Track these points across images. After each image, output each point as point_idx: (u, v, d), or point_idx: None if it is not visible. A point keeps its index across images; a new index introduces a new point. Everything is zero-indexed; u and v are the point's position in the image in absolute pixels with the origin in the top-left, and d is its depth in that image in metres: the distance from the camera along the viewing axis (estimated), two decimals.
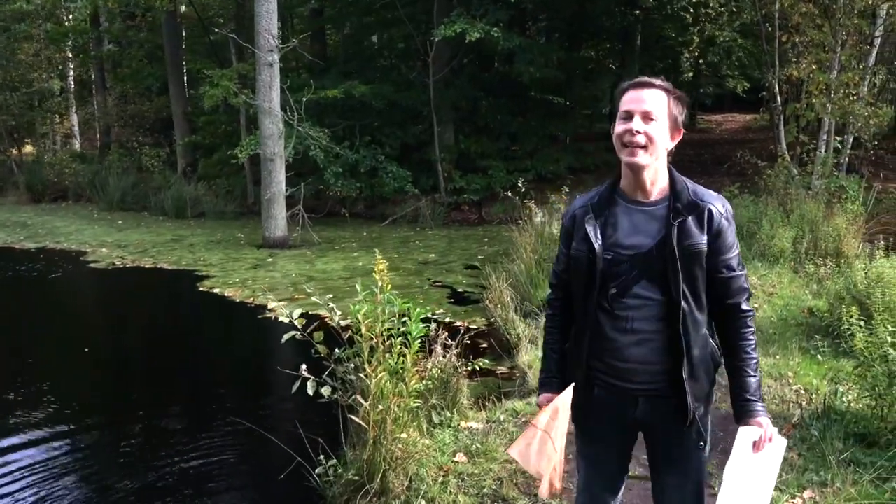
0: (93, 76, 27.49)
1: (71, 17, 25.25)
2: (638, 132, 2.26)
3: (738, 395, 2.42)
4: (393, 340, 4.45)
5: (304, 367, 4.25)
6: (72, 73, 29.85)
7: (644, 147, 2.28)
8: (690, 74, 14.01)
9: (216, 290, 10.48)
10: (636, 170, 2.32)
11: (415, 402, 4.52)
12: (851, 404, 4.79)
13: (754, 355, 2.41)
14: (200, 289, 10.64)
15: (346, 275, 11.18)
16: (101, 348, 8.24)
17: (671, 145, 2.38)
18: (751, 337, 2.41)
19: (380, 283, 4.64)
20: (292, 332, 4.36)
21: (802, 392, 5.35)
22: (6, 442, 5.43)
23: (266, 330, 8.48)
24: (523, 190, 10.50)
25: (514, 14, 16.87)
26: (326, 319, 4.52)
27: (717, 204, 2.35)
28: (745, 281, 2.41)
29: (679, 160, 20.95)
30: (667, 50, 23.10)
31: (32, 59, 26.68)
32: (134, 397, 6.69)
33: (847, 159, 13.30)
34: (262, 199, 14.09)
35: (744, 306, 2.40)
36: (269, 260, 12.73)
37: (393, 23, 20.10)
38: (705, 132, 28.33)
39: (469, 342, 7.52)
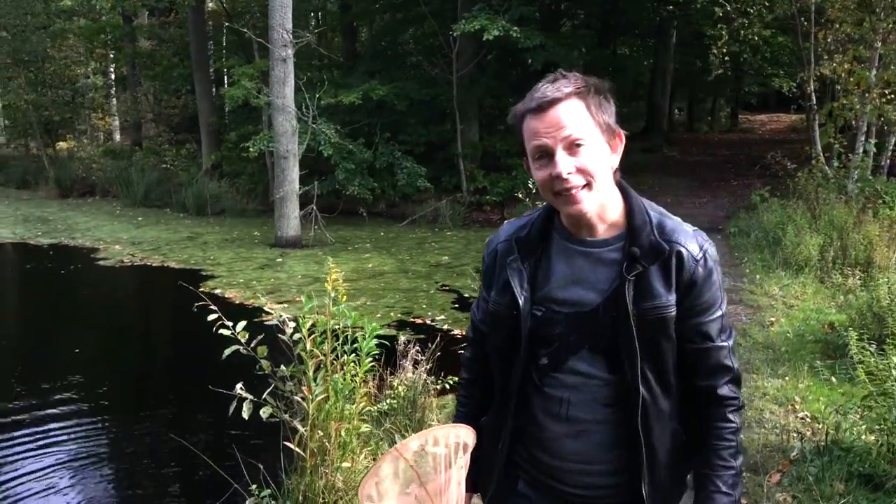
0: (125, 73, 27.66)
1: (103, 13, 25.37)
2: (570, 174, 1.58)
3: None
4: (346, 357, 4.08)
5: (239, 385, 3.89)
6: (113, 69, 30.10)
7: (586, 186, 1.60)
8: (720, 72, 13.30)
9: (217, 291, 10.19)
10: (581, 216, 1.66)
11: (366, 427, 4.13)
12: (861, 437, 4.27)
13: (733, 463, 1.68)
14: (201, 289, 10.35)
15: (353, 276, 10.82)
16: (71, 348, 8.01)
17: (616, 161, 1.68)
18: (730, 437, 1.68)
19: (332, 294, 4.29)
20: (234, 347, 3.99)
21: (808, 420, 4.84)
22: None
23: (250, 337, 8.19)
24: (534, 191, 10.02)
25: (538, 10, 16.29)
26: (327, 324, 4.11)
27: (691, 245, 1.65)
28: (728, 356, 1.70)
29: (713, 161, 20.46)
30: (704, 47, 22.39)
31: (73, 55, 26.91)
32: (77, 399, 6.42)
33: (888, 161, 12.57)
34: (275, 197, 13.82)
35: (722, 391, 1.69)
36: (279, 260, 12.44)
37: (418, 19, 19.74)
38: (747, 132, 27.60)
39: (463, 352, 7.18)
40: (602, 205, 1.66)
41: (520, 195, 10.70)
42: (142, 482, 4.89)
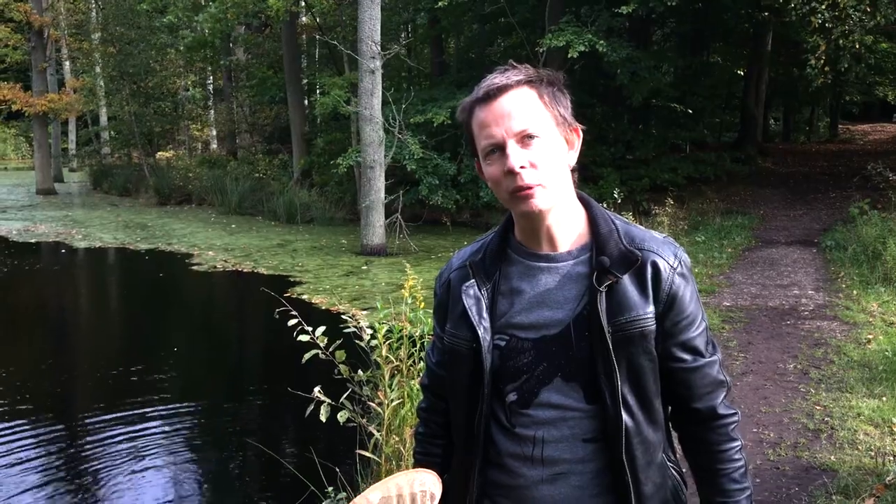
0: (221, 85, 28.63)
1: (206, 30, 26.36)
2: (522, 168, 1.42)
3: None
4: (423, 363, 4.11)
5: (317, 389, 3.95)
6: (211, 81, 31.24)
7: (540, 183, 1.43)
8: (820, 81, 12.74)
9: (304, 297, 10.42)
10: (539, 218, 1.48)
11: None
12: None
13: (747, 483, 1.55)
14: (287, 295, 10.61)
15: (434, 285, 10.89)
16: (167, 348, 8.31)
17: (573, 159, 1.52)
18: (738, 456, 1.55)
19: (408, 301, 4.34)
20: (314, 351, 4.06)
21: None
22: None
23: (330, 342, 8.43)
24: (619, 201, 9.89)
25: (627, 19, 16.03)
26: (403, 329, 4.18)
27: (665, 253, 1.49)
28: (719, 370, 1.54)
29: (810, 173, 19.75)
30: (801, 54, 21.67)
31: (174, 68, 28.06)
32: (169, 391, 6.75)
33: None
34: (361, 206, 14.06)
35: (721, 409, 1.54)
36: (364, 268, 12.64)
37: (506, 30, 19.79)
38: (847, 143, 26.54)
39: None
40: (561, 211, 1.50)
41: (604, 205, 10.55)
42: (220, 478, 5.05)
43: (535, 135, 1.43)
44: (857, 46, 12.05)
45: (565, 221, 1.51)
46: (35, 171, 27.50)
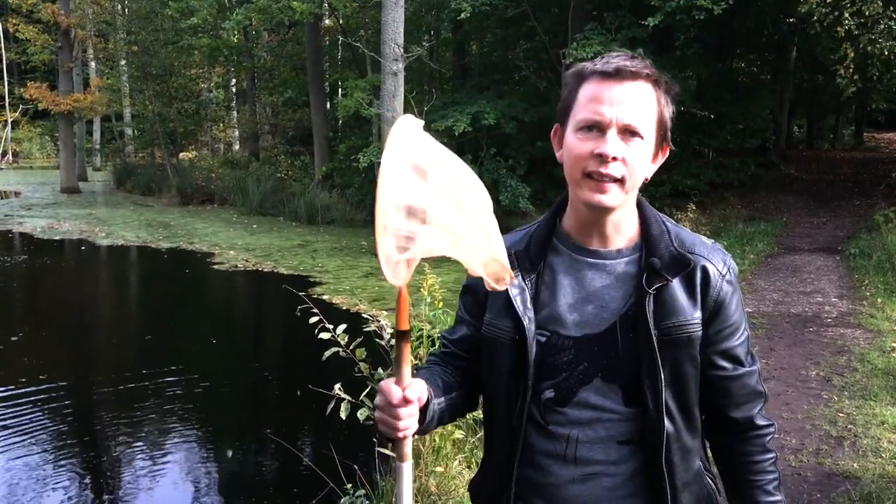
0: (244, 87, 28.83)
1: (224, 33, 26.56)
2: (614, 159, 1.36)
3: None
4: None
5: (338, 386, 3.96)
6: (234, 83, 31.46)
7: (619, 181, 1.38)
8: (852, 90, 12.55)
9: (324, 297, 10.45)
10: (600, 213, 1.43)
11: (460, 432, 4.14)
12: None
13: (779, 497, 1.53)
14: (307, 294, 10.67)
15: (456, 287, 10.86)
16: (193, 343, 8.37)
17: (651, 172, 1.47)
18: (772, 468, 1.53)
19: (429, 300, 4.35)
20: (334, 348, 4.07)
21: None
22: None
23: (350, 341, 8.50)
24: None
25: (651, 32, 15.94)
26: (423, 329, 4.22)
27: (715, 259, 1.47)
28: (758, 380, 1.54)
29: (834, 180, 19.57)
30: (826, 61, 21.47)
31: (198, 71, 28.26)
32: (191, 387, 6.79)
33: None
34: None
35: (759, 420, 1.53)
36: None
37: (529, 34, 19.77)
38: (872, 151, 26.25)
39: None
40: (622, 211, 1.46)
41: None
42: (239, 472, 5.09)
43: (639, 133, 1.39)
44: (886, 53, 11.92)
45: (620, 223, 1.48)
46: (60, 169, 27.79)
